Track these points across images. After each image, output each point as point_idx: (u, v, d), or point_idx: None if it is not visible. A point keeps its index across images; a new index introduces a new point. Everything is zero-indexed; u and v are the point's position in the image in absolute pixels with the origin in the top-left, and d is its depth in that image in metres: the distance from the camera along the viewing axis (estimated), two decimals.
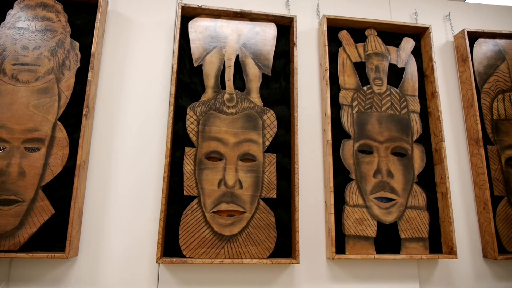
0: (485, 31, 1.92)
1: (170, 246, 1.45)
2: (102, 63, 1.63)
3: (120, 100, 1.61)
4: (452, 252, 1.58)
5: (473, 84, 1.81)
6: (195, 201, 1.49)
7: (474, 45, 1.92)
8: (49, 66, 1.49)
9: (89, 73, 1.48)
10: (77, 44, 1.55)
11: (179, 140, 1.55)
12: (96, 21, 1.54)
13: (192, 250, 1.44)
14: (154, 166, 1.55)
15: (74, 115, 1.48)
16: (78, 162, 1.39)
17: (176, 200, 1.49)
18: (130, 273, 1.43)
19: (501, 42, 1.96)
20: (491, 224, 1.65)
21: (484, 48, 1.93)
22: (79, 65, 1.53)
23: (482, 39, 1.94)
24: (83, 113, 1.44)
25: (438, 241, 1.66)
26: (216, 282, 1.47)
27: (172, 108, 1.52)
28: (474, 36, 1.93)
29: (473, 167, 1.79)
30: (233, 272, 1.49)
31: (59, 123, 1.45)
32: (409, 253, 1.59)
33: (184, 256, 1.43)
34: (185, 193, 1.49)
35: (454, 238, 1.59)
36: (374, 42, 1.84)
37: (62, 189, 1.41)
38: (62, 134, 1.44)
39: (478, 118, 1.77)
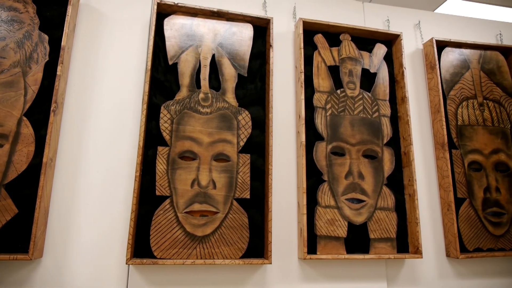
0: (452, 40, 2.01)
1: (141, 247, 1.42)
2: (73, 57, 1.57)
3: (91, 97, 1.56)
4: (418, 251, 1.65)
5: (440, 91, 1.90)
6: (167, 201, 1.47)
7: (442, 53, 2.01)
8: (15, 59, 1.43)
9: (59, 68, 1.43)
10: (46, 37, 1.49)
11: (152, 138, 1.52)
12: (67, 14, 1.49)
13: (164, 250, 1.41)
14: (126, 165, 1.52)
15: (41, 111, 1.42)
16: (44, 159, 1.33)
17: (147, 200, 1.46)
18: (98, 275, 1.39)
19: (466, 51, 2.06)
20: (454, 224, 1.72)
21: (450, 56, 2.02)
22: (47, 58, 1.47)
23: (449, 48, 2.04)
24: (51, 108, 1.39)
25: (405, 241, 1.72)
26: (187, 283, 1.46)
27: (145, 106, 1.49)
28: (442, 45, 2.02)
29: (439, 170, 1.87)
30: (205, 272, 1.48)
31: (25, 118, 1.38)
32: (377, 253, 1.64)
33: (155, 257, 1.40)
34: (157, 193, 1.46)
35: (420, 238, 1.65)
36: (348, 47, 1.89)
37: (26, 188, 1.34)
38: (28, 130, 1.38)
39: (444, 123, 1.85)
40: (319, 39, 1.86)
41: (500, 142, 1.93)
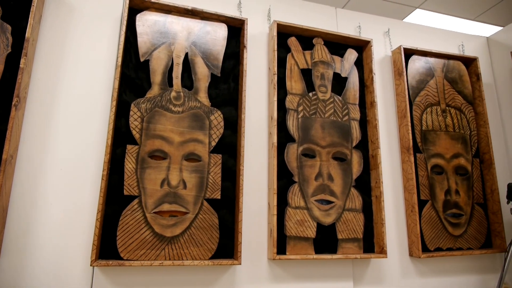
0: (418, 49, 2.10)
1: (107, 248, 1.38)
2: (38, 50, 1.50)
3: (56, 92, 1.50)
4: (383, 251, 1.70)
5: (407, 97, 1.97)
6: (136, 201, 1.43)
7: (409, 60, 2.09)
8: None
9: (22, 60, 1.36)
10: (8, 27, 1.42)
11: (121, 137, 1.48)
12: (33, 4, 1.42)
13: (131, 252, 1.38)
14: (93, 163, 1.47)
15: (2, 105, 1.35)
16: (4, 156, 1.26)
17: (115, 200, 1.42)
18: (61, 278, 1.34)
19: (431, 60, 2.15)
20: (417, 225, 1.80)
21: (417, 64, 2.11)
22: (10, 50, 1.40)
23: (416, 56, 2.12)
24: (13, 103, 1.32)
25: (371, 241, 1.77)
26: (155, 285, 1.43)
27: (114, 103, 1.45)
28: (409, 53, 2.11)
29: (404, 173, 1.94)
30: (174, 274, 1.46)
31: None
32: (345, 253, 1.68)
33: (121, 258, 1.36)
34: (125, 193, 1.43)
35: (385, 238, 1.71)
36: (320, 51, 1.92)
37: None
38: None
39: (410, 128, 1.93)
40: (292, 42, 1.89)
41: (460, 147, 2.03)
